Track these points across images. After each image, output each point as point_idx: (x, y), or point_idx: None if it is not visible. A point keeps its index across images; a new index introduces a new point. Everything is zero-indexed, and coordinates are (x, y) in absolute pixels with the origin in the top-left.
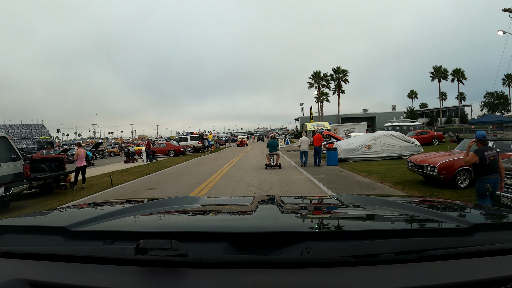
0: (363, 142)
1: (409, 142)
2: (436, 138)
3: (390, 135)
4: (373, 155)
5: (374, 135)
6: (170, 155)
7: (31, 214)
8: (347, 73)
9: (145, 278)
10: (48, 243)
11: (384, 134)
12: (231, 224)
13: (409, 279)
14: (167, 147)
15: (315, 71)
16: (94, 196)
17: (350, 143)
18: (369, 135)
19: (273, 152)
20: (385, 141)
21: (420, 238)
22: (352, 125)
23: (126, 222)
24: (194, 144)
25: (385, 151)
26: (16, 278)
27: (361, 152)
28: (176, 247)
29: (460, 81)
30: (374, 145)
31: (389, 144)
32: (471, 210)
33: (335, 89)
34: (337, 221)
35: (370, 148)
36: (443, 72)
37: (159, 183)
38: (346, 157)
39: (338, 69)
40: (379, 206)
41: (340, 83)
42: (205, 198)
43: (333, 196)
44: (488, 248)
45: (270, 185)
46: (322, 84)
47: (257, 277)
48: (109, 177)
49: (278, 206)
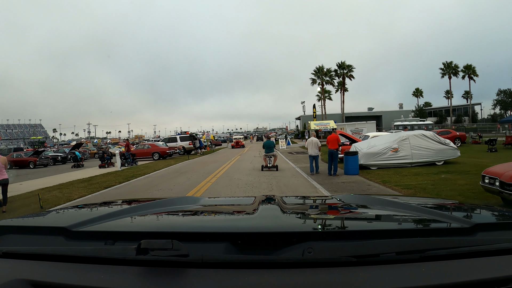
0: (389, 144)
1: (444, 144)
2: (459, 139)
3: (421, 135)
4: (401, 161)
5: (402, 135)
6: (154, 158)
7: (32, 215)
8: (353, 69)
9: (146, 278)
10: (49, 243)
11: (414, 134)
12: (232, 224)
13: (411, 279)
14: (151, 148)
15: (318, 66)
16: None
17: (373, 146)
18: (395, 135)
19: (269, 153)
20: (416, 142)
21: (421, 238)
22: (360, 124)
23: (127, 223)
24: (184, 145)
25: (416, 156)
26: (17, 278)
27: (387, 156)
28: (178, 247)
29: (471, 78)
30: (403, 148)
31: (421, 146)
32: (473, 210)
33: (338, 86)
34: (338, 221)
35: (397, 151)
36: (454, 68)
37: None
38: (367, 163)
39: (342, 64)
40: (380, 206)
41: (345, 79)
42: (206, 198)
43: (334, 196)
44: (489, 248)
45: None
46: (325, 80)
47: (259, 277)
48: (55, 192)
49: (279, 206)
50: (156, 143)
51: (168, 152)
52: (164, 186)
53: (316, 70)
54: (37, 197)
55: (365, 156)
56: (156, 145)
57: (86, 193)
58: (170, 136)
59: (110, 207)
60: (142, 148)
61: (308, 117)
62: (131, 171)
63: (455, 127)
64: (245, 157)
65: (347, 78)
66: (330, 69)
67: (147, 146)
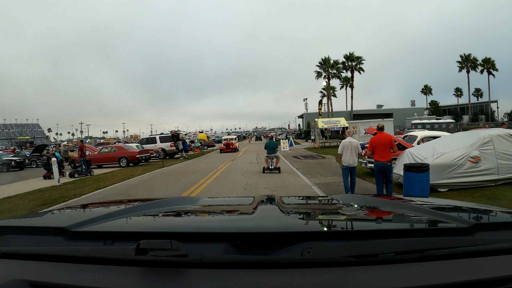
0: (465, 150)
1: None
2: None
3: (509, 136)
4: (483, 177)
5: (482, 136)
6: (121, 165)
7: (31, 215)
8: (362, 61)
9: (145, 278)
10: (48, 243)
11: (498, 135)
12: (231, 224)
13: (410, 279)
14: (117, 152)
15: (324, 58)
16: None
17: (441, 153)
18: (471, 136)
19: (272, 154)
20: (502, 147)
21: (420, 238)
22: (375, 122)
23: (126, 223)
24: (164, 147)
25: (504, 169)
26: (16, 278)
27: (463, 170)
28: (177, 248)
29: (490, 73)
30: (485, 156)
31: (509, 153)
32: (471, 210)
33: (343, 82)
34: (337, 221)
35: (478, 162)
36: (472, 61)
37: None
38: (435, 182)
39: (351, 56)
40: (379, 206)
41: (353, 72)
42: (205, 198)
43: (333, 197)
44: (488, 248)
45: None
46: (332, 73)
47: (258, 277)
48: None
49: (278, 206)
50: (125, 145)
51: (139, 156)
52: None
53: (322, 62)
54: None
55: (432, 171)
56: (124, 148)
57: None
58: (148, 137)
59: (109, 207)
60: (107, 152)
61: (311, 115)
62: (67, 188)
63: (491, 125)
64: (238, 163)
65: (356, 71)
66: (338, 61)
67: (113, 149)
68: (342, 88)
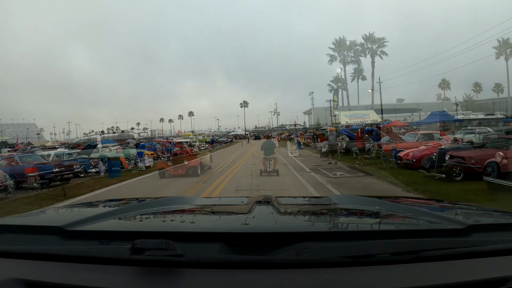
0: None
1: None
2: None
3: None
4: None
5: None
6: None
7: (26, 214)
8: (385, 42)
9: (140, 278)
10: (43, 242)
11: None
12: (227, 224)
13: (405, 280)
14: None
15: (339, 38)
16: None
17: None
18: None
19: (269, 155)
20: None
21: (416, 239)
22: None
23: (122, 222)
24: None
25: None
26: (11, 277)
27: None
28: (172, 247)
29: None
30: None
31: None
32: (467, 210)
33: (354, 74)
34: (333, 221)
35: None
36: None
37: None
38: None
39: (371, 37)
40: (375, 206)
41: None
42: (201, 198)
43: (329, 197)
44: (484, 249)
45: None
46: (349, 57)
47: (253, 277)
48: None
49: (274, 206)
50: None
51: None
52: None
53: (336, 42)
54: None
55: None
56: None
57: None
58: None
59: (105, 207)
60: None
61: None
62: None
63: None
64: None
65: (376, 56)
66: (355, 41)
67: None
68: (353, 81)
